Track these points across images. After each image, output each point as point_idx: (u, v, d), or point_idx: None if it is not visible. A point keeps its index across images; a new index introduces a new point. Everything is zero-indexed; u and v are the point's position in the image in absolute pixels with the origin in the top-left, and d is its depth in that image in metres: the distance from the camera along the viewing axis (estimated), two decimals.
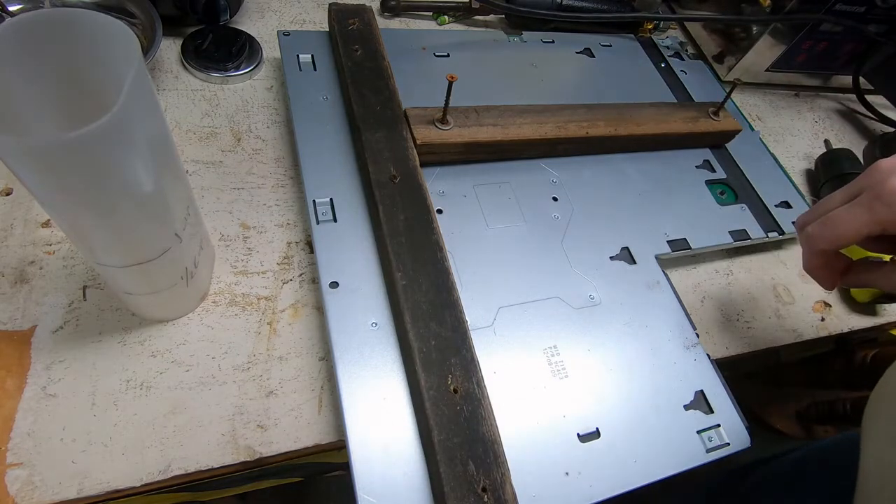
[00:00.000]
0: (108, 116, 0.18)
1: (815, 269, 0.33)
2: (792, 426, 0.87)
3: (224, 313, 0.33)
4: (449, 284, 0.32)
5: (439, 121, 0.38)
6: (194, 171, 0.38)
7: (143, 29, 0.42)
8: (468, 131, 0.39)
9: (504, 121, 0.40)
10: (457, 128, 0.38)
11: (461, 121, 0.39)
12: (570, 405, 0.31)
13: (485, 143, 0.39)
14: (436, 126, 0.38)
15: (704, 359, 0.35)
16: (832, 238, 0.31)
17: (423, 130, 0.38)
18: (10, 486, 0.26)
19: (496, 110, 0.41)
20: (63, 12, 0.21)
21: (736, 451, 0.32)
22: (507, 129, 0.40)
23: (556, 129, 0.41)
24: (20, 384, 0.29)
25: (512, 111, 0.41)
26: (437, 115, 0.38)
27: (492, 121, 0.40)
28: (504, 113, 0.41)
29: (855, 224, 0.30)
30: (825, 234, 0.31)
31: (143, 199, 0.23)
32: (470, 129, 0.39)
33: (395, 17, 0.54)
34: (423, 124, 0.38)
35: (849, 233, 0.30)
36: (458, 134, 0.38)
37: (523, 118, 0.41)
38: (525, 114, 0.41)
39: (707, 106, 0.48)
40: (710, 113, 0.47)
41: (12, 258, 0.32)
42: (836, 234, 0.30)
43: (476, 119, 0.40)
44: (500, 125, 0.40)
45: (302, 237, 0.37)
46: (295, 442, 0.30)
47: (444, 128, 0.38)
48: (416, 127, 0.38)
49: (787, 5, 0.51)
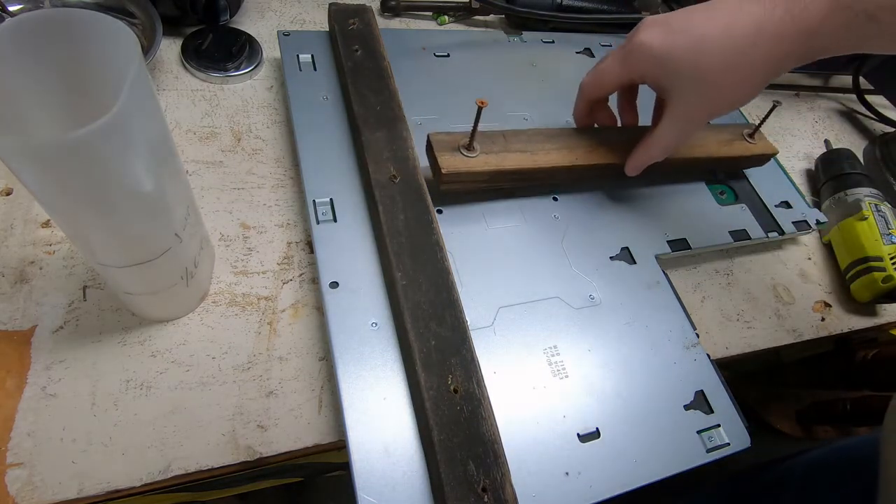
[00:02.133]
0: (108, 116, 0.18)
1: (578, 113, 0.40)
2: (792, 426, 0.87)
3: (224, 313, 0.33)
4: (449, 284, 0.32)
5: (465, 147, 0.36)
6: (194, 171, 0.38)
7: (143, 29, 0.42)
8: (495, 159, 0.36)
9: (532, 147, 0.38)
10: (483, 154, 0.36)
11: (487, 146, 0.36)
12: (570, 405, 0.31)
13: (512, 171, 0.37)
14: (461, 153, 0.36)
15: (704, 359, 0.35)
16: (596, 85, 0.38)
17: (448, 158, 0.35)
18: (10, 486, 0.26)
19: (524, 135, 0.38)
20: (63, 12, 0.21)
21: (736, 451, 0.32)
22: (536, 155, 0.37)
23: (586, 156, 0.39)
24: (20, 384, 0.29)
25: (540, 135, 0.39)
26: (463, 140, 0.36)
27: (520, 146, 0.37)
28: (532, 137, 0.38)
29: (611, 74, 0.36)
30: (591, 82, 0.38)
31: (143, 199, 0.23)
32: (497, 155, 0.36)
33: (395, 17, 0.54)
34: (447, 151, 0.35)
35: (606, 81, 0.37)
36: (484, 161, 0.36)
37: (552, 143, 0.38)
38: (553, 138, 0.39)
39: (741, 127, 0.46)
40: (745, 135, 0.46)
41: (12, 258, 0.32)
42: (600, 83, 0.37)
43: (503, 144, 0.37)
44: (528, 151, 0.37)
45: (302, 237, 0.37)
46: (295, 442, 0.30)
47: (471, 155, 0.36)
48: (441, 154, 0.35)
49: None
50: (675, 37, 0.32)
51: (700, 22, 0.32)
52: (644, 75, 0.35)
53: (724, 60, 0.31)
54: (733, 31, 0.31)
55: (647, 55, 0.33)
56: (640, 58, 0.34)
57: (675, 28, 0.32)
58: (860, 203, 0.47)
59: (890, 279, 0.43)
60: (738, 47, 0.31)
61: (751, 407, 0.90)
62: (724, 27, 0.31)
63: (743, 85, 0.32)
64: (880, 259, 0.44)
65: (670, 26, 0.33)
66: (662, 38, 0.32)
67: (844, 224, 0.47)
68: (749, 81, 0.32)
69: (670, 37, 0.32)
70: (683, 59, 0.32)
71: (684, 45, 0.32)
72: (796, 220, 0.45)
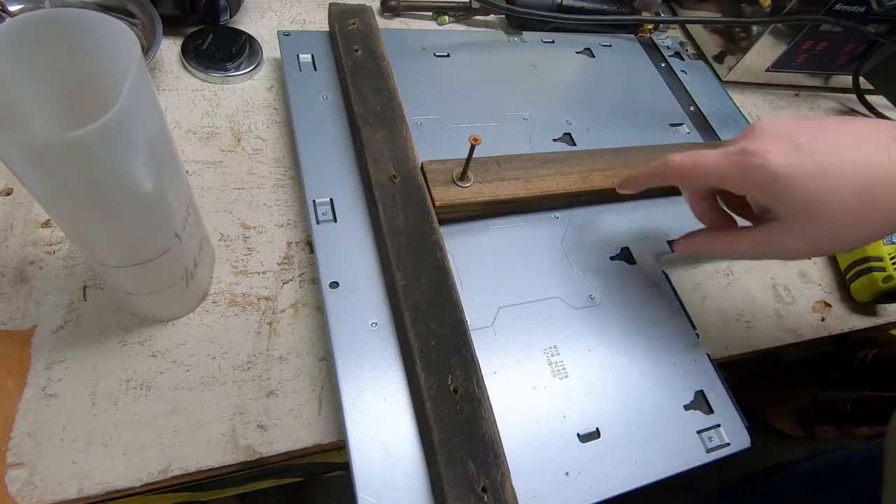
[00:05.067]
0: (108, 116, 0.18)
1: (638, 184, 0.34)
2: (792, 426, 0.87)
3: (224, 313, 0.33)
4: (449, 284, 0.32)
5: (459, 178, 0.36)
6: (194, 171, 0.38)
7: (143, 29, 0.42)
8: (489, 188, 0.36)
9: (526, 173, 0.38)
10: (477, 184, 0.36)
11: (481, 175, 0.37)
12: (570, 405, 0.31)
13: (506, 200, 0.37)
14: (455, 183, 0.36)
15: (704, 359, 0.35)
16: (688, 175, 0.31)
17: (441, 191, 0.35)
18: (10, 486, 0.26)
19: (518, 160, 0.38)
20: (63, 12, 0.21)
21: (736, 451, 0.32)
22: (529, 182, 0.37)
23: (581, 181, 0.39)
24: (20, 384, 0.29)
25: (534, 160, 0.39)
26: (457, 170, 0.36)
27: (514, 174, 0.38)
28: (526, 163, 0.38)
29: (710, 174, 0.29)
30: (683, 168, 0.30)
31: (143, 199, 0.23)
32: (491, 184, 0.37)
33: (395, 17, 0.54)
34: (441, 184, 0.36)
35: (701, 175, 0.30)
36: (478, 192, 0.36)
37: (546, 168, 0.38)
38: (547, 163, 0.39)
39: None
40: None
41: (12, 258, 0.32)
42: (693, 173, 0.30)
43: (497, 172, 0.37)
44: (521, 178, 0.37)
45: (302, 237, 0.37)
46: (295, 442, 0.30)
47: (465, 185, 0.36)
48: (435, 187, 0.35)
49: (787, 6, 0.51)
50: (802, 161, 0.26)
51: (835, 148, 0.26)
52: (751, 193, 0.28)
53: (857, 208, 0.25)
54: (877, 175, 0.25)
55: (764, 173, 0.26)
56: (752, 174, 0.27)
57: (804, 148, 0.26)
58: None
59: (890, 279, 0.43)
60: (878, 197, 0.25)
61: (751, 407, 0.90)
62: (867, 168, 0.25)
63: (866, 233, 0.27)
64: (880, 259, 0.44)
65: (797, 144, 0.26)
66: (786, 158, 0.26)
67: None
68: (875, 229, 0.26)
69: (795, 159, 0.26)
70: (807, 192, 0.26)
71: (812, 173, 0.26)
72: None
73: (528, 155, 0.40)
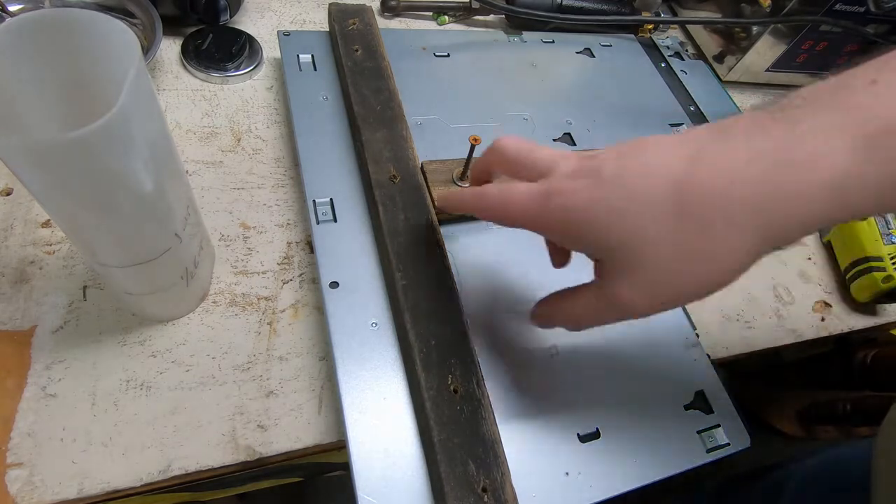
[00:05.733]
0: (108, 116, 0.18)
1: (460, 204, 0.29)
2: (792, 426, 0.87)
3: (224, 313, 0.33)
4: (449, 284, 0.32)
5: (459, 178, 0.36)
6: (194, 171, 0.38)
7: (143, 29, 0.42)
8: None
9: None
10: None
11: None
12: (570, 405, 0.31)
13: None
14: (455, 184, 0.36)
15: (704, 359, 0.35)
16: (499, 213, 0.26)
17: (441, 191, 0.35)
18: (10, 486, 0.26)
19: None
20: (63, 12, 0.21)
21: (736, 451, 0.32)
22: None
23: None
24: (20, 384, 0.29)
25: None
26: (457, 170, 0.36)
27: None
28: None
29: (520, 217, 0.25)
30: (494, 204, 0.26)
31: (143, 199, 0.23)
32: None
33: (395, 17, 0.54)
34: (441, 184, 0.36)
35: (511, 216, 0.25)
36: None
37: None
38: None
39: None
40: None
41: (12, 258, 0.32)
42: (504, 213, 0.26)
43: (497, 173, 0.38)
44: None
45: (302, 237, 0.37)
46: (295, 442, 0.30)
47: (465, 185, 0.36)
48: (435, 187, 0.35)
49: (787, 6, 0.51)
50: (605, 191, 0.22)
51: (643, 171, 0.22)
52: (563, 242, 0.26)
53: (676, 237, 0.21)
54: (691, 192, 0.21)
55: (567, 217, 0.23)
56: (555, 218, 0.23)
57: (606, 177, 0.22)
58: None
59: (890, 279, 0.43)
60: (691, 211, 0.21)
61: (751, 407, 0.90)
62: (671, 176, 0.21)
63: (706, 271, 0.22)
64: (880, 259, 0.44)
65: (601, 176, 0.22)
66: (588, 194, 0.22)
67: (844, 224, 0.47)
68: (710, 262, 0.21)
69: (595, 192, 0.22)
70: (618, 228, 0.22)
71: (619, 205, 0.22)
72: None
73: None
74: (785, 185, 0.20)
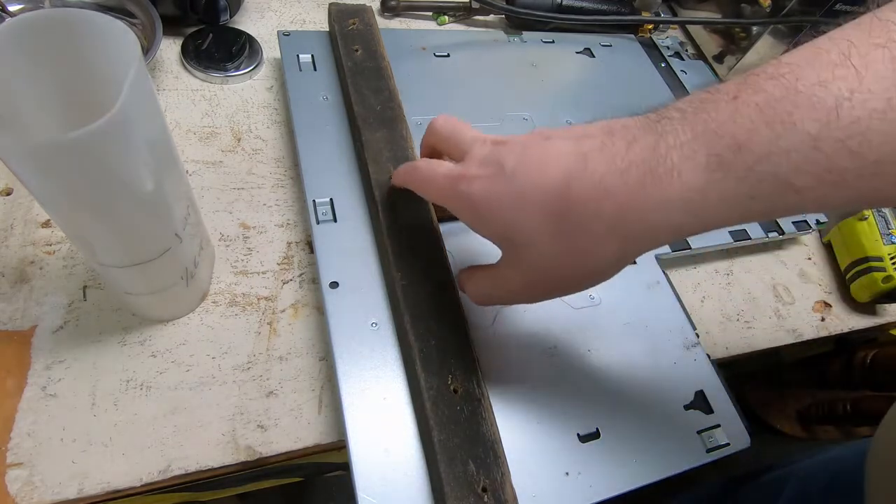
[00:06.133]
0: (108, 116, 0.18)
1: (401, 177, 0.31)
2: (792, 426, 0.87)
3: (224, 313, 0.33)
4: (449, 284, 0.32)
5: None
6: (194, 171, 0.38)
7: (143, 29, 0.42)
8: None
9: None
10: None
11: None
12: (570, 405, 0.31)
13: None
14: None
15: (704, 359, 0.35)
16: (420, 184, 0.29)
17: None
18: (10, 486, 0.26)
19: None
20: (63, 12, 0.21)
21: (736, 451, 0.32)
22: None
23: None
24: (20, 384, 0.29)
25: None
26: None
27: None
28: None
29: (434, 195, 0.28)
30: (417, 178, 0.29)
31: (143, 199, 0.23)
32: None
33: (395, 17, 0.54)
34: None
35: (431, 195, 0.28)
36: None
37: None
38: None
39: None
40: None
41: (12, 258, 0.32)
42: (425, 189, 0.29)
43: None
44: None
45: (302, 237, 0.37)
46: (295, 442, 0.30)
47: None
48: None
49: (787, 6, 0.51)
50: (505, 186, 0.23)
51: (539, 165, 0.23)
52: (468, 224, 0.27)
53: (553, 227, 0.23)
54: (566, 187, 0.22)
55: (471, 203, 0.25)
56: (461, 202, 0.25)
57: (508, 170, 0.24)
58: None
59: (890, 279, 0.43)
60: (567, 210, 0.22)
61: (751, 407, 0.90)
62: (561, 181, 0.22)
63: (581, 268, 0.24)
64: (880, 259, 0.44)
65: (503, 167, 0.24)
66: (489, 185, 0.24)
67: (844, 224, 0.47)
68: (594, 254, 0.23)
69: (499, 185, 0.24)
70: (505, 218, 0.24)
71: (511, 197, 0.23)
72: (796, 219, 0.45)
73: None
74: (649, 198, 0.21)
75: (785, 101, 0.19)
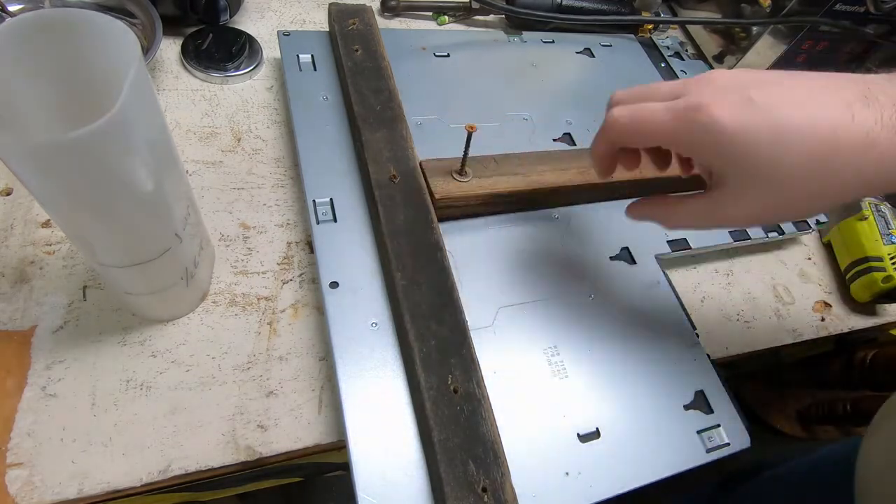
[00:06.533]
0: (108, 116, 0.18)
1: (600, 157, 0.30)
2: (792, 426, 0.87)
3: (224, 313, 0.33)
4: (449, 284, 0.32)
5: (457, 172, 0.36)
6: (194, 171, 0.38)
7: (143, 29, 0.42)
8: (488, 182, 0.36)
9: (525, 169, 0.38)
10: (476, 179, 0.36)
11: (479, 171, 0.37)
12: (570, 405, 0.31)
13: (506, 193, 0.37)
14: (453, 178, 0.36)
15: (704, 359, 0.35)
16: (634, 133, 0.27)
17: (440, 184, 0.35)
18: (10, 486, 0.26)
19: (515, 158, 0.38)
20: (63, 12, 0.21)
21: (736, 451, 0.32)
22: (529, 177, 0.37)
23: (579, 176, 0.38)
24: (20, 384, 0.29)
25: (532, 157, 0.39)
26: (455, 166, 0.36)
27: (511, 169, 0.37)
28: (524, 160, 0.38)
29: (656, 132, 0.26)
30: (629, 128, 0.27)
31: (143, 199, 0.23)
32: (490, 179, 0.36)
33: (395, 17, 0.54)
34: (440, 177, 0.36)
35: (648, 134, 0.27)
36: (477, 185, 0.36)
37: (544, 164, 0.38)
38: (546, 160, 0.39)
39: None
40: None
41: (12, 258, 0.32)
42: (639, 132, 0.27)
43: (495, 168, 0.37)
44: (520, 174, 0.37)
45: (302, 237, 0.37)
46: (295, 442, 0.30)
47: (463, 179, 0.36)
48: (434, 180, 0.35)
49: (787, 6, 0.51)
50: (755, 118, 0.23)
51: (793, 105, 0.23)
52: (697, 155, 0.26)
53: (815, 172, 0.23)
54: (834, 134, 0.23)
55: (710, 133, 0.24)
56: (698, 133, 0.24)
57: (757, 103, 0.23)
58: (860, 203, 0.47)
59: (890, 279, 0.43)
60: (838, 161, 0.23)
61: (751, 407, 0.90)
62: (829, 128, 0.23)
63: (822, 201, 0.25)
64: (880, 259, 0.44)
65: (750, 99, 0.23)
66: (737, 115, 0.23)
67: (844, 224, 0.47)
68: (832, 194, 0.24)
69: (747, 116, 0.23)
70: (758, 153, 0.23)
71: (765, 132, 0.23)
72: None
73: (524, 153, 0.40)
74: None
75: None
